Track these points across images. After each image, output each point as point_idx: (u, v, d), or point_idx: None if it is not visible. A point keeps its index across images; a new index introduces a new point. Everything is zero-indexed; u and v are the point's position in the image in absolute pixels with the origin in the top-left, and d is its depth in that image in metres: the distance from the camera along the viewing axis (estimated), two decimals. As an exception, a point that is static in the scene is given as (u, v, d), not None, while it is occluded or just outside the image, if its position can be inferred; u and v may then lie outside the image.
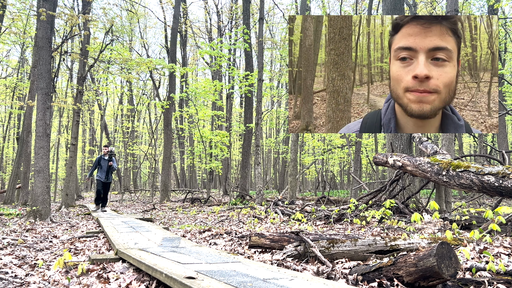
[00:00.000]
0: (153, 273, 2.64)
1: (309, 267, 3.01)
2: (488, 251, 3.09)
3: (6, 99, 20.99)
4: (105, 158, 9.97)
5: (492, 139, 18.60)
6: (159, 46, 35.17)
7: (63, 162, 31.35)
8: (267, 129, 34.40)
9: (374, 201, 6.84)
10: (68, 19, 8.64)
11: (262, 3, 11.46)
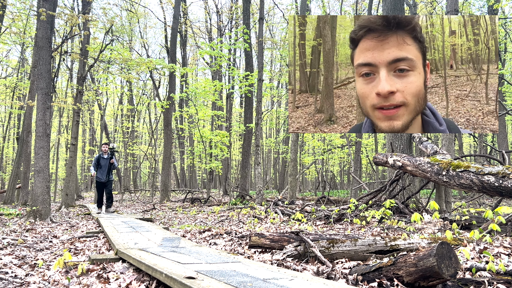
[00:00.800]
0: (153, 273, 2.64)
1: (309, 267, 3.01)
2: (488, 251, 3.09)
3: (6, 99, 20.99)
4: (105, 157, 9.44)
5: (492, 139, 18.60)
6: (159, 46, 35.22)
7: (63, 162, 31.35)
8: (267, 129, 34.40)
9: (374, 201, 6.84)
10: (68, 19, 8.65)
11: (262, 3, 11.46)
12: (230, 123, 22.11)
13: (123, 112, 28.26)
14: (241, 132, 18.48)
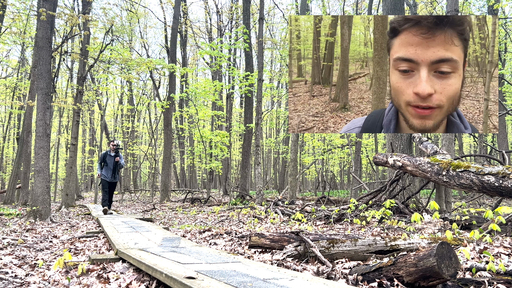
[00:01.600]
0: (153, 273, 2.64)
1: (309, 267, 3.01)
2: (488, 251, 3.09)
3: (6, 99, 20.99)
4: (111, 155, 8.82)
5: (492, 139, 18.60)
6: (159, 46, 35.20)
7: (63, 162, 31.35)
8: (267, 129, 34.40)
9: (374, 201, 6.84)
10: (68, 19, 8.65)
11: (262, 3, 11.47)
12: (230, 123, 22.11)
13: (123, 112, 28.26)
14: (241, 132, 18.48)
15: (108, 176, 8.80)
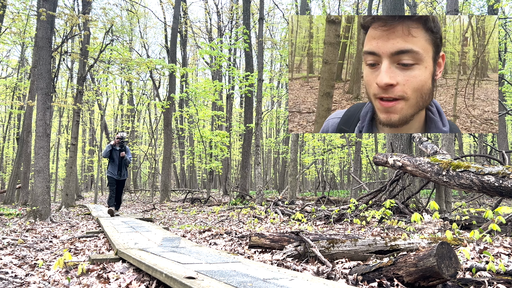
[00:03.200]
0: (153, 273, 2.64)
1: (309, 267, 3.01)
2: (488, 251, 3.09)
3: (6, 99, 20.99)
4: (117, 149, 8.08)
5: (492, 139, 18.60)
6: (159, 46, 35.21)
7: (63, 162, 31.34)
8: (267, 129, 34.40)
9: (374, 201, 6.84)
10: (68, 19, 8.64)
11: (262, 3, 11.46)
12: (230, 123, 22.12)
13: (123, 112, 28.26)
14: (241, 132, 18.48)
15: (115, 173, 8.07)
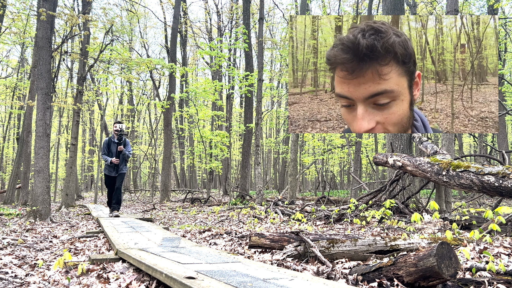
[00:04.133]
0: (153, 273, 2.64)
1: (309, 267, 3.01)
2: (488, 251, 3.09)
3: (6, 99, 21.00)
4: (115, 142, 7.45)
5: (492, 139, 18.60)
6: (159, 46, 35.22)
7: (63, 162, 31.35)
8: (267, 129, 34.41)
9: (374, 201, 6.84)
10: (68, 19, 8.65)
11: (262, 3, 11.47)
12: (230, 123, 22.12)
13: (123, 112, 28.26)
14: (241, 132, 18.48)
15: (112, 171, 7.48)
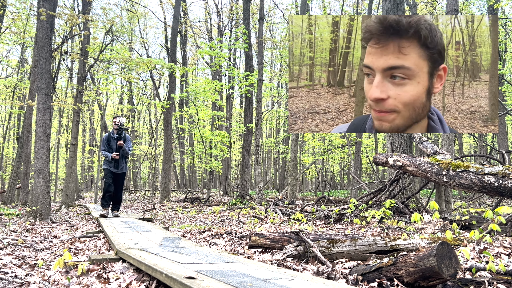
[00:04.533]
0: (153, 273, 2.64)
1: (309, 267, 3.01)
2: (488, 251, 3.09)
3: (6, 99, 20.99)
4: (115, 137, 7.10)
5: (492, 139, 18.60)
6: (159, 46, 35.21)
7: (63, 162, 31.35)
8: (267, 129, 34.41)
9: (374, 201, 6.84)
10: (68, 19, 8.65)
11: (262, 3, 11.47)
12: (230, 123, 22.12)
13: (123, 112, 28.24)
14: (241, 132, 18.49)
15: (112, 166, 7.05)
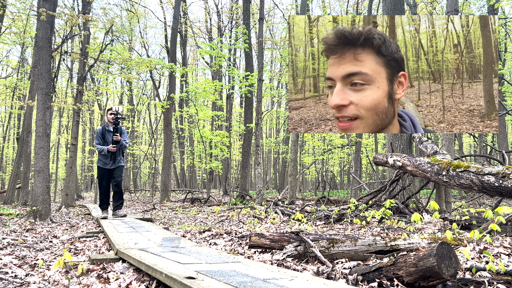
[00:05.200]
0: (153, 273, 2.64)
1: (309, 267, 3.01)
2: (488, 251, 3.09)
3: (6, 99, 21.00)
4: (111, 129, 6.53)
5: (492, 139, 18.60)
6: (159, 46, 35.17)
7: (63, 162, 31.35)
8: (267, 129, 34.41)
9: (374, 201, 6.84)
10: (68, 19, 8.65)
11: (262, 3, 11.47)
12: (230, 123, 22.12)
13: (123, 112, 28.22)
14: (241, 132, 18.49)
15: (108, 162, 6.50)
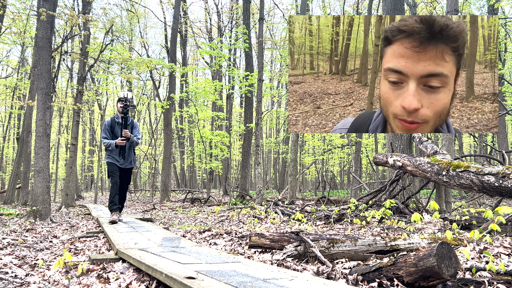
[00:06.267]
0: (153, 273, 2.64)
1: (309, 267, 3.01)
2: (488, 251, 3.09)
3: (6, 99, 20.99)
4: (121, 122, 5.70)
5: (492, 139, 18.60)
6: (159, 46, 35.16)
7: (63, 162, 31.35)
8: (267, 129, 34.41)
9: (374, 201, 6.84)
10: (68, 19, 8.64)
11: (262, 3, 11.47)
12: (230, 123, 22.12)
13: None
14: (241, 132, 18.49)
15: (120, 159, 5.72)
